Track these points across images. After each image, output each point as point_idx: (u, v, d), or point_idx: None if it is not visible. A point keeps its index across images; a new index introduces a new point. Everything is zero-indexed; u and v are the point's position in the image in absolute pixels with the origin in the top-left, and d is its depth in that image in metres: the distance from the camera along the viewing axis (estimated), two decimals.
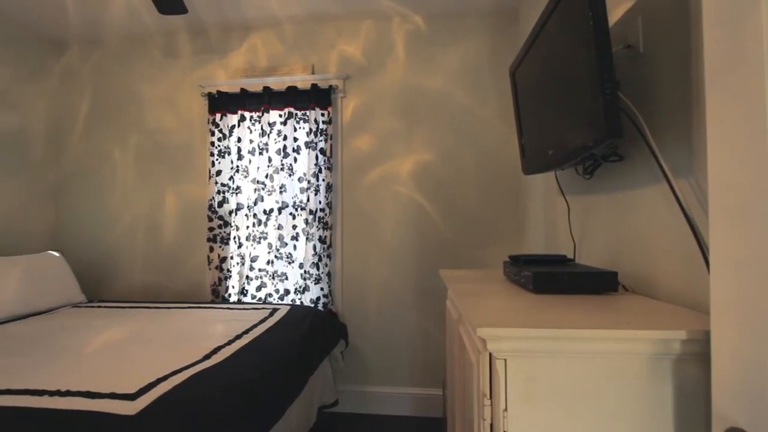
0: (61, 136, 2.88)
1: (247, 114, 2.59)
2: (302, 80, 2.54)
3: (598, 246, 1.34)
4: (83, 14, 2.52)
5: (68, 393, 1.14)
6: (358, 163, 2.56)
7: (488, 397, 0.80)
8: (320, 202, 2.48)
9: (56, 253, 2.51)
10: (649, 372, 0.70)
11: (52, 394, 1.14)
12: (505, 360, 0.74)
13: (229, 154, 2.60)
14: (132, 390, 1.15)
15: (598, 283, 1.01)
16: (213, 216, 2.58)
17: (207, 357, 1.49)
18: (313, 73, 2.59)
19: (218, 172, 2.59)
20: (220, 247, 2.58)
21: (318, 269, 2.47)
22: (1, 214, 2.51)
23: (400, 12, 2.50)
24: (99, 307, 2.35)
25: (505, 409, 0.72)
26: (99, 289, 2.78)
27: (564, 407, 0.71)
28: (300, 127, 2.54)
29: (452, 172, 2.48)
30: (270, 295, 2.55)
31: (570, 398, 0.71)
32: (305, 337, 1.92)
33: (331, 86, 2.51)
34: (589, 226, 1.41)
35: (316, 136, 2.49)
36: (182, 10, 1.92)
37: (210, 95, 2.61)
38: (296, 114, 2.53)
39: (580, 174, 1.35)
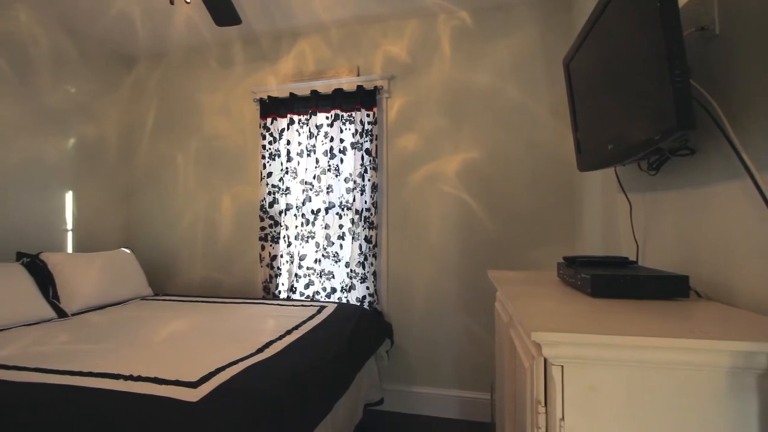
0: (132, 144, 3.15)
1: (295, 117, 2.68)
2: (348, 82, 2.59)
3: (665, 248, 1.24)
4: (150, 31, 2.74)
5: (139, 378, 1.25)
6: (404, 162, 2.56)
7: (543, 404, 0.76)
8: (366, 202, 2.51)
9: (127, 250, 2.75)
10: (729, 388, 0.64)
11: (126, 378, 1.25)
12: (562, 367, 0.70)
13: (279, 156, 2.71)
14: (194, 378, 1.23)
15: (667, 287, 0.93)
16: (264, 216, 2.70)
17: (260, 350, 1.56)
18: (358, 74, 2.62)
19: (269, 174, 2.70)
20: (271, 245, 2.69)
21: (364, 268, 2.50)
22: (84, 214, 2.79)
23: (446, 8, 2.47)
24: (164, 300, 2.54)
25: (562, 419, 0.69)
26: (163, 283, 3.01)
27: (627, 421, 0.66)
28: (346, 129, 2.59)
29: (501, 169, 2.41)
30: (317, 292, 2.62)
31: (635, 412, 0.66)
32: (352, 335, 1.95)
33: (376, 87, 2.53)
34: (654, 226, 1.30)
35: (361, 136, 2.52)
36: (237, 21, 2.02)
37: (261, 100, 2.74)
38: (342, 116, 2.58)
39: (644, 170, 1.25)
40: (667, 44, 0.85)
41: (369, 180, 2.51)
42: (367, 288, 2.51)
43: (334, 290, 2.60)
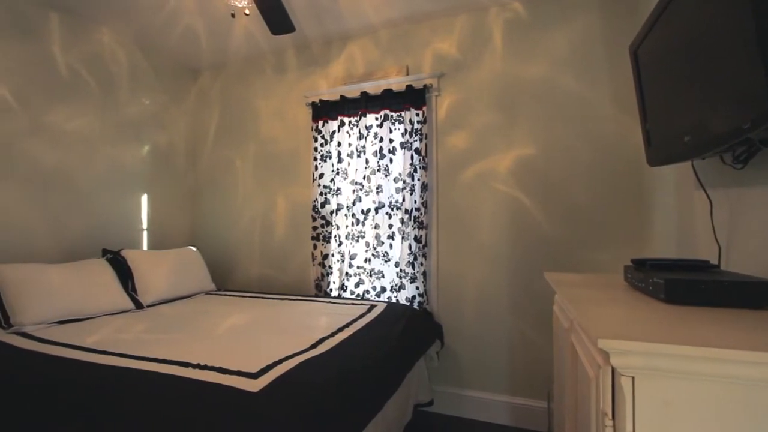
0: (197, 149, 3.40)
1: (346, 119, 2.74)
2: (397, 82, 2.59)
3: (753, 250, 1.10)
4: (212, 44, 2.94)
5: (206, 367, 1.34)
6: (454, 161, 2.52)
7: (610, 417, 0.71)
8: (415, 202, 2.50)
9: (193, 248, 2.96)
10: None
11: (194, 366, 1.35)
12: (633, 378, 0.65)
13: (330, 157, 2.78)
14: (254, 370, 1.30)
15: (757, 295, 0.83)
16: (316, 216, 2.78)
17: (314, 346, 1.60)
18: (407, 74, 2.62)
19: (321, 175, 2.78)
20: (323, 244, 2.77)
21: (413, 268, 2.49)
22: (156, 215, 3.06)
23: (498, 1, 2.39)
24: (225, 295, 2.71)
25: None
26: (224, 279, 3.21)
27: None
28: (395, 129, 2.60)
29: (559, 165, 2.28)
30: (367, 291, 2.65)
31: None
32: (402, 335, 1.95)
33: (425, 86, 2.51)
34: (740, 226, 1.16)
35: (411, 136, 2.51)
36: (291, 29, 2.10)
37: (313, 104, 2.82)
38: (391, 116, 2.59)
39: (728, 163, 1.12)
40: (759, 21, 0.76)
41: (418, 179, 2.49)
42: (417, 288, 2.50)
43: (383, 289, 2.62)
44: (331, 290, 2.76)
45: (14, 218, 2.22)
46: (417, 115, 2.52)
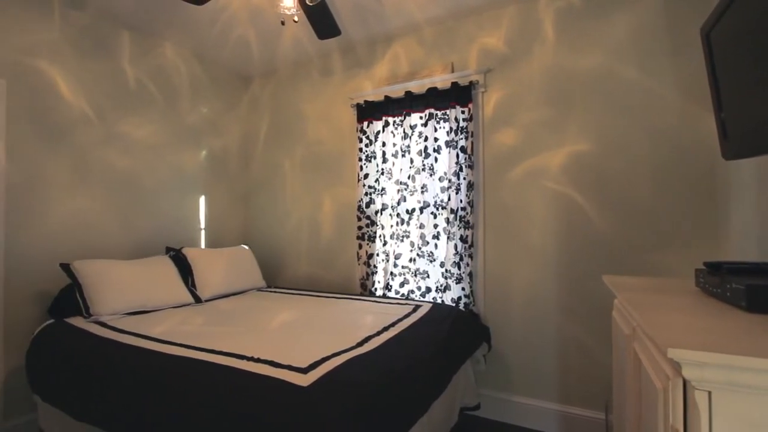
0: (248, 153, 3.57)
1: (390, 119, 2.75)
2: (442, 80, 2.56)
3: None
4: (263, 52, 3.07)
5: (259, 360, 1.40)
6: (502, 158, 2.44)
7: None
8: (461, 201, 2.45)
9: (246, 247, 3.11)
10: None
11: (248, 359, 1.42)
12: (710, 393, 0.59)
13: (375, 158, 2.80)
14: (303, 365, 1.34)
15: None
16: (361, 216, 2.82)
17: (360, 344, 1.62)
18: (452, 71, 2.58)
19: (365, 176, 2.82)
20: (368, 244, 2.80)
21: (459, 268, 2.45)
22: (213, 215, 3.26)
23: None
24: (275, 292, 2.83)
25: None
26: (273, 276, 3.35)
27: None
28: (440, 127, 2.56)
29: (617, 161, 2.14)
30: (412, 291, 2.64)
31: None
32: (448, 336, 1.93)
33: (471, 82, 2.45)
34: None
35: (456, 134, 2.47)
36: (337, 32, 2.15)
37: (358, 105, 2.86)
38: (436, 114, 2.56)
39: None
40: None
41: (464, 178, 2.44)
42: (463, 289, 2.45)
43: (428, 290, 2.59)
44: (375, 289, 2.78)
45: (92, 219, 2.46)
46: (462, 112, 2.47)
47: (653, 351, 0.82)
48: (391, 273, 2.73)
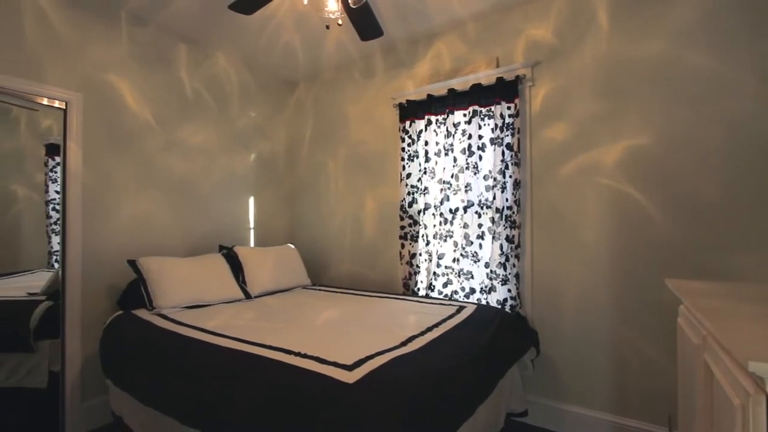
0: (294, 155, 3.69)
1: (433, 118, 2.72)
2: (486, 76, 2.49)
3: None
4: (308, 57, 3.16)
5: (306, 356, 1.44)
6: (551, 155, 2.33)
7: None
8: (507, 200, 2.37)
9: (292, 246, 3.22)
10: None
11: (295, 354, 1.46)
12: None
13: (417, 157, 2.79)
14: (349, 362, 1.36)
15: None
16: (404, 215, 2.81)
17: (403, 344, 1.62)
18: (497, 66, 2.50)
19: (408, 175, 2.81)
20: (410, 244, 2.79)
21: (505, 270, 2.37)
22: (261, 215, 3.40)
23: None
24: (319, 290, 2.89)
25: None
26: (318, 274, 3.43)
27: None
28: (485, 124, 2.50)
29: (680, 155, 1.97)
30: (455, 292, 2.60)
31: None
32: (493, 339, 1.87)
33: (517, 77, 2.37)
34: None
35: (501, 131, 2.40)
36: (379, 33, 2.16)
37: (400, 105, 2.86)
38: (481, 111, 2.50)
39: None
40: None
41: (510, 176, 2.36)
42: (509, 291, 2.37)
43: (473, 291, 2.54)
44: (418, 289, 2.76)
45: (154, 219, 2.66)
46: (508, 108, 2.39)
47: (729, 363, 0.74)
48: (434, 273, 2.70)
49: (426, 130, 2.74)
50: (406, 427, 1.16)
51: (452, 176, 2.61)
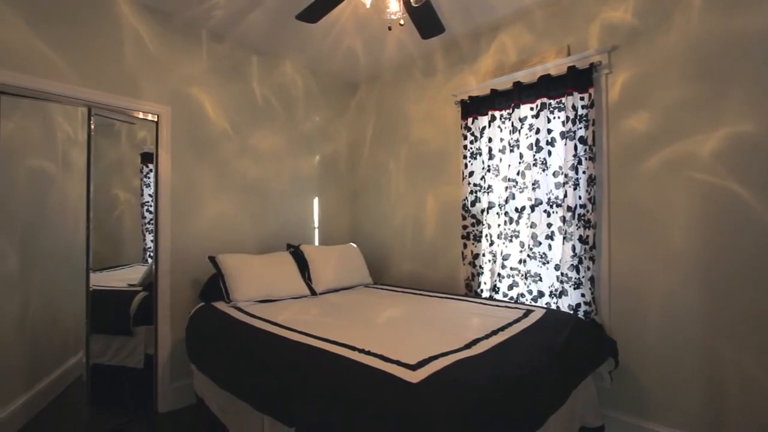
0: (356, 155, 3.77)
1: (497, 113, 2.62)
2: (555, 66, 2.34)
3: None
4: (369, 59, 3.21)
5: (369, 353, 1.46)
6: (632, 148, 2.12)
7: None
8: (580, 198, 2.21)
9: (354, 245, 3.29)
10: None
11: (360, 351, 1.48)
12: None
13: (481, 155, 2.70)
14: (412, 362, 1.35)
15: None
16: (466, 215, 2.74)
17: (467, 346, 1.57)
18: (568, 54, 2.34)
19: (470, 173, 2.73)
20: (473, 244, 2.71)
21: (578, 273, 2.20)
22: (324, 215, 3.52)
23: None
24: (381, 288, 2.92)
25: None
26: (379, 273, 3.47)
27: None
28: (554, 117, 2.35)
29: None
30: (522, 295, 2.48)
31: None
32: (565, 346, 1.75)
33: (591, 64, 2.19)
34: None
35: (573, 124, 2.23)
36: (441, 30, 2.12)
37: (462, 102, 2.79)
38: (550, 104, 2.35)
39: None
40: None
41: (584, 172, 2.19)
42: (583, 295, 2.20)
43: (541, 294, 2.40)
44: (481, 291, 2.68)
45: (230, 219, 2.87)
46: (581, 99, 2.22)
47: None
48: (499, 274, 2.59)
49: (489, 126, 2.64)
50: (470, 430, 1.13)
51: (518, 173, 2.49)
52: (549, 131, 2.35)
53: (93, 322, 2.19)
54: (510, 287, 2.55)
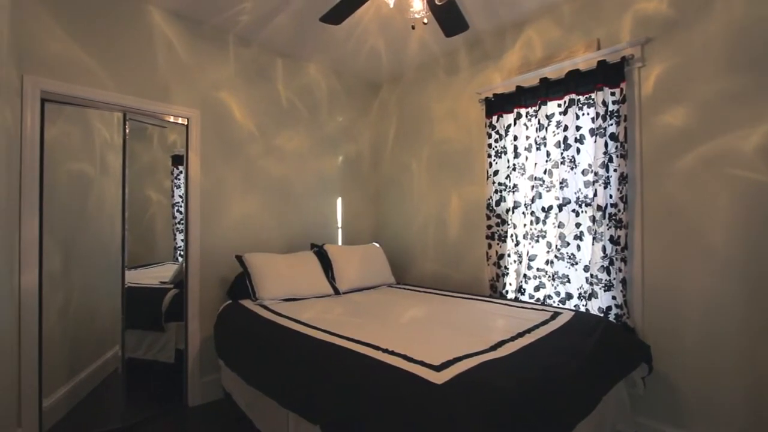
0: (378, 155, 3.78)
1: (522, 111, 2.56)
2: (585, 60, 2.26)
3: None
4: (391, 59, 3.21)
5: (393, 353, 1.46)
6: (667, 145, 2.03)
7: None
8: (611, 197, 2.13)
9: (377, 244, 3.29)
10: None
11: (383, 350, 1.48)
12: None
13: (506, 153, 2.65)
14: (436, 363, 1.34)
15: None
16: (491, 215, 2.70)
17: (493, 348, 1.54)
18: (598, 48, 2.25)
19: (495, 172, 2.68)
20: (498, 244, 2.66)
21: (609, 274, 2.13)
22: (348, 215, 3.55)
23: None
24: (404, 288, 2.91)
25: None
26: (402, 273, 3.46)
27: None
28: (583, 114, 2.27)
29: None
30: (549, 297, 2.41)
31: None
32: (595, 350, 1.69)
33: (623, 58, 2.10)
34: None
35: (604, 120, 2.15)
36: (464, 27, 2.09)
37: (486, 100, 2.75)
38: (578, 100, 2.28)
39: None
40: None
41: (615, 170, 2.11)
42: (614, 298, 2.12)
43: (569, 296, 2.33)
44: (507, 292, 2.62)
45: (256, 219, 2.94)
46: (612, 94, 2.14)
47: None
48: (525, 275, 2.53)
49: (515, 124, 2.59)
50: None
51: (545, 172, 2.42)
52: (578, 128, 2.27)
53: (127, 317, 2.29)
54: (536, 288, 2.49)
